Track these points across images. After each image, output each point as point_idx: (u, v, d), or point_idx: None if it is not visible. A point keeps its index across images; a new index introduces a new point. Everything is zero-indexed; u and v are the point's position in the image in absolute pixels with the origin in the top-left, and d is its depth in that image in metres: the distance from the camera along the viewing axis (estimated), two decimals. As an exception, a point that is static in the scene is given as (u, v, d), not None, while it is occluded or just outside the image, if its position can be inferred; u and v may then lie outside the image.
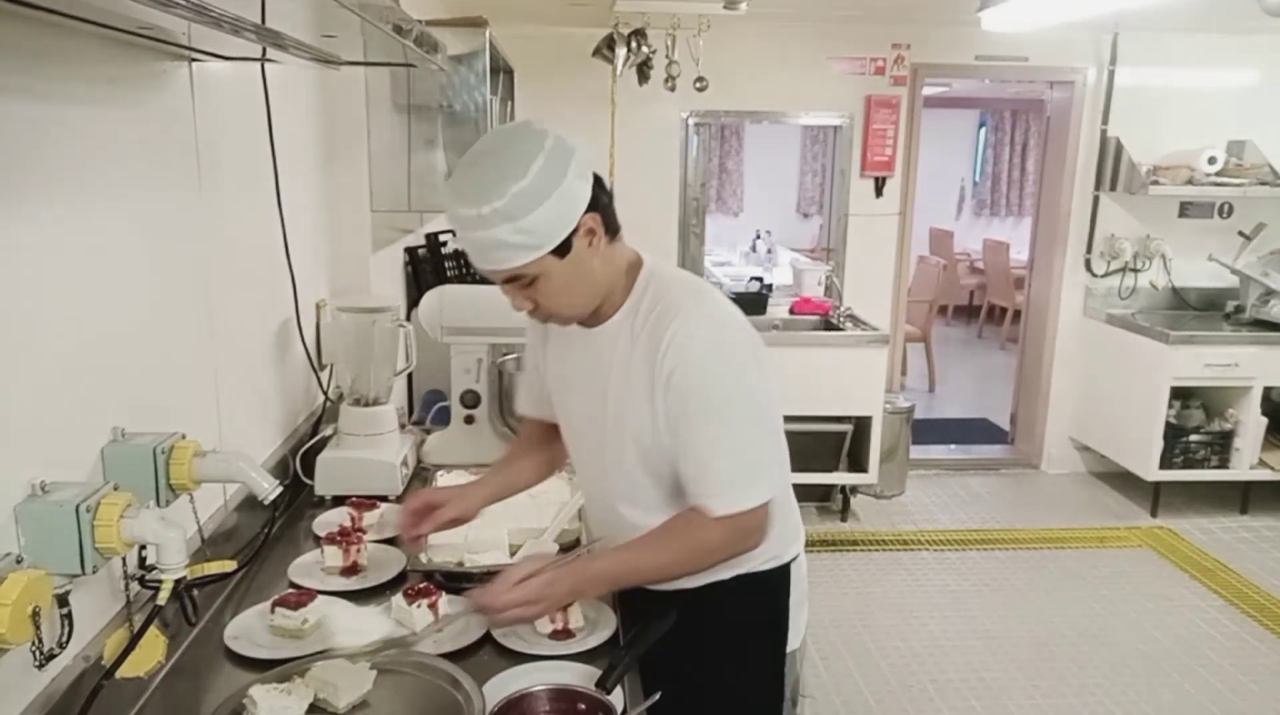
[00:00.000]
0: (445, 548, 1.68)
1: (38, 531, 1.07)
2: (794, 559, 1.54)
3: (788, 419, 1.47)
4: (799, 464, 1.61)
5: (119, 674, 1.21)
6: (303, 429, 2.14)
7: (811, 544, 1.87)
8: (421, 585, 1.50)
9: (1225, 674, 3.22)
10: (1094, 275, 4.96)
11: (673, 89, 4.29)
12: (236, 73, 1.69)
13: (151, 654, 1.32)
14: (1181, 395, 4.51)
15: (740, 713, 1.54)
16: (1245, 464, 4.48)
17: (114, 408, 1.29)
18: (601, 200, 1.28)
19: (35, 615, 0.99)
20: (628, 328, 1.36)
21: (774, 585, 1.51)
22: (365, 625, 1.35)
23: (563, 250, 1.25)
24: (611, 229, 1.32)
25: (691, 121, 4.74)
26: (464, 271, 3.32)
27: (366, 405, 2.10)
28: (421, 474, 2.18)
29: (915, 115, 4.82)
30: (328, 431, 2.13)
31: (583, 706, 1.23)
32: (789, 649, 1.55)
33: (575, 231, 1.25)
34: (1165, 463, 4.48)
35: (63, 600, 1.07)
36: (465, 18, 2.54)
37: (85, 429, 1.23)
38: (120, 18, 1.17)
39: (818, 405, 4.04)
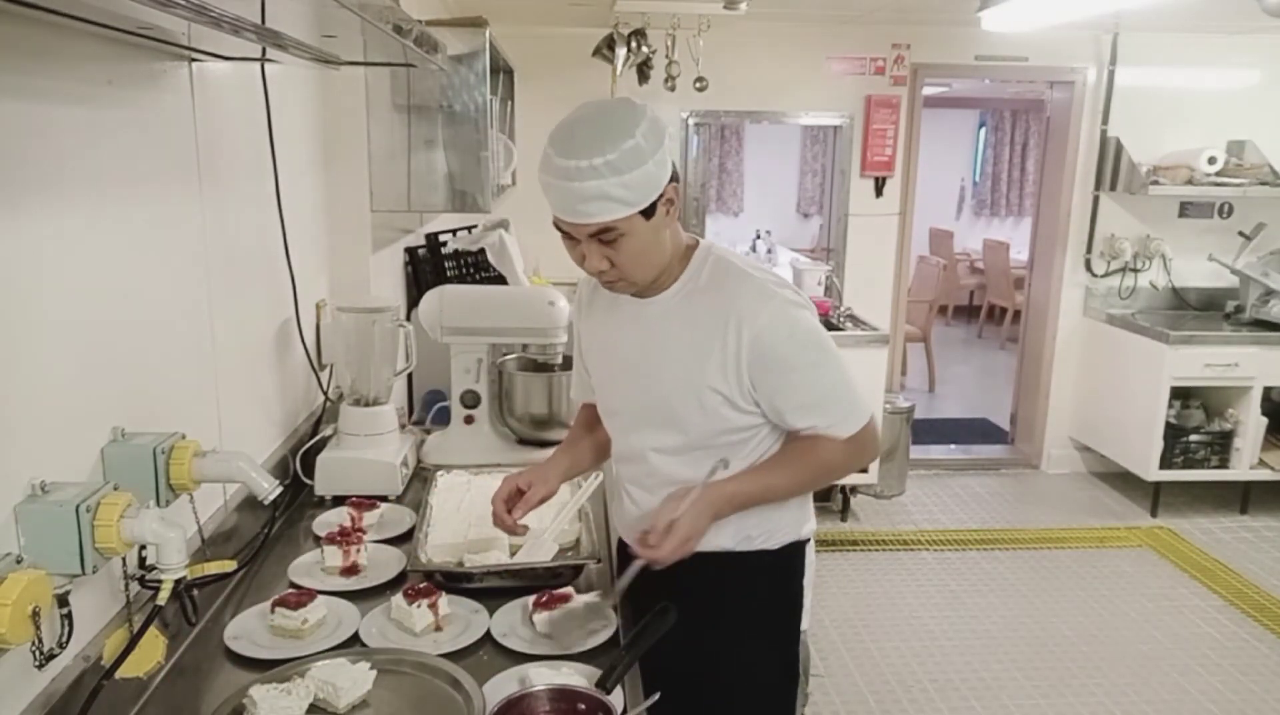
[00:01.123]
0: (445, 547, 1.69)
1: (38, 531, 1.07)
2: (807, 539, 1.62)
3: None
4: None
5: (119, 674, 1.21)
6: (303, 429, 2.14)
7: (811, 544, 1.90)
8: (421, 585, 1.50)
9: (1225, 674, 3.22)
10: (1094, 275, 4.96)
11: (673, 89, 4.29)
12: (236, 73, 1.69)
13: (151, 654, 1.32)
14: (1181, 395, 4.51)
15: (761, 686, 1.60)
16: (1245, 464, 4.48)
17: (114, 408, 1.29)
18: (676, 176, 1.39)
19: (35, 615, 0.99)
20: (683, 296, 1.47)
21: (791, 562, 1.59)
22: None
23: (649, 212, 1.35)
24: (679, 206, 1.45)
25: (691, 121, 4.74)
26: (464, 271, 3.32)
27: (366, 405, 2.10)
28: (421, 474, 2.18)
29: (915, 115, 4.82)
30: (328, 431, 2.13)
31: (582, 706, 1.23)
32: (803, 626, 1.63)
33: (660, 197, 1.35)
34: (1165, 463, 4.48)
35: (63, 600, 1.07)
36: (465, 18, 2.54)
37: (85, 429, 1.23)
38: (120, 18, 1.17)
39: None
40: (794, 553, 1.59)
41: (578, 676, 1.31)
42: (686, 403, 1.46)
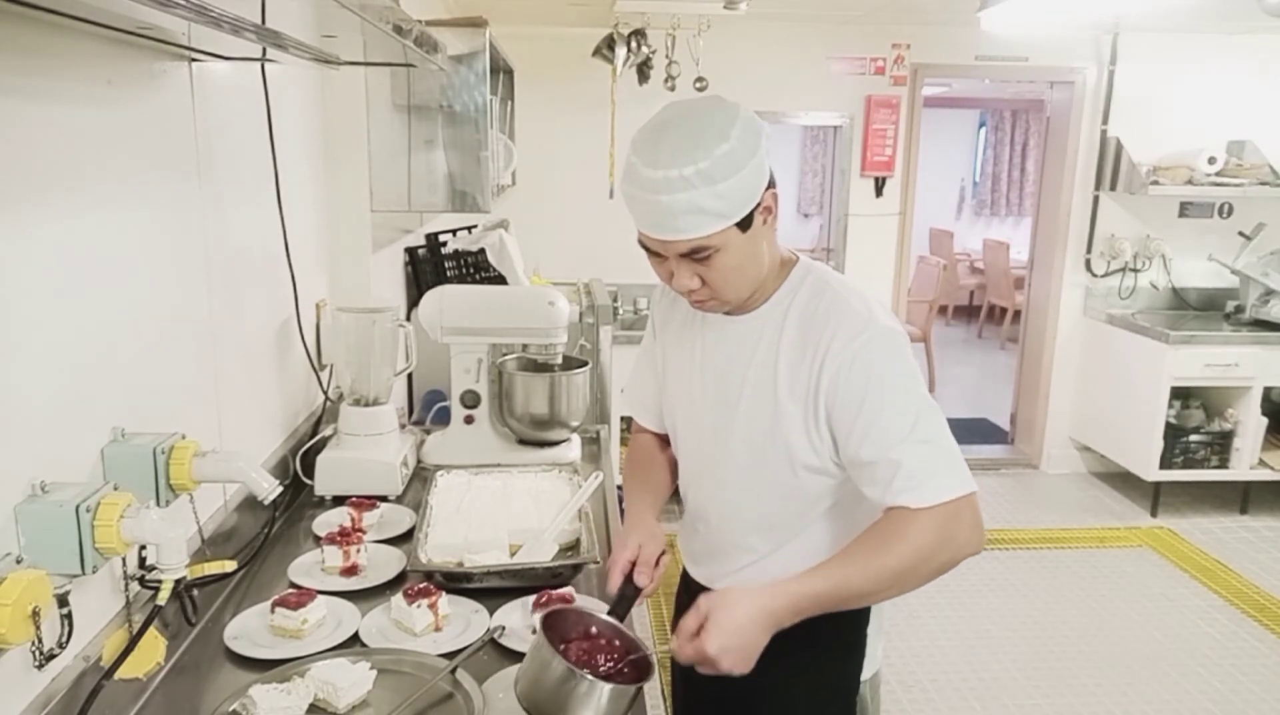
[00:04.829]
0: (445, 548, 1.69)
1: (38, 531, 1.07)
2: None
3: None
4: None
5: (119, 674, 1.21)
6: (303, 429, 2.14)
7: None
8: (421, 585, 1.50)
9: (1225, 674, 3.22)
10: (1094, 275, 4.96)
11: (673, 89, 4.30)
12: (236, 73, 1.69)
13: (151, 655, 1.32)
14: (1181, 395, 4.52)
15: None
16: (1245, 464, 4.49)
17: (114, 408, 1.29)
18: (774, 181, 1.26)
19: (35, 615, 0.99)
20: (778, 316, 1.33)
21: (854, 611, 1.42)
22: None
23: (746, 224, 1.22)
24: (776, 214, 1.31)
25: (691, 121, 4.73)
26: (464, 271, 3.32)
27: (366, 405, 2.10)
28: (421, 474, 2.18)
29: (915, 115, 4.82)
30: (328, 431, 2.13)
31: (618, 643, 1.19)
32: (864, 676, 1.49)
33: (758, 205, 1.23)
34: (1165, 463, 4.48)
35: (63, 600, 1.07)
36: (465, 18, 2.54)
37: (85, 429, 1.23)
38: (120, 18, 1.17)
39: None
40: None
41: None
42: (759, 429, 1.33)
